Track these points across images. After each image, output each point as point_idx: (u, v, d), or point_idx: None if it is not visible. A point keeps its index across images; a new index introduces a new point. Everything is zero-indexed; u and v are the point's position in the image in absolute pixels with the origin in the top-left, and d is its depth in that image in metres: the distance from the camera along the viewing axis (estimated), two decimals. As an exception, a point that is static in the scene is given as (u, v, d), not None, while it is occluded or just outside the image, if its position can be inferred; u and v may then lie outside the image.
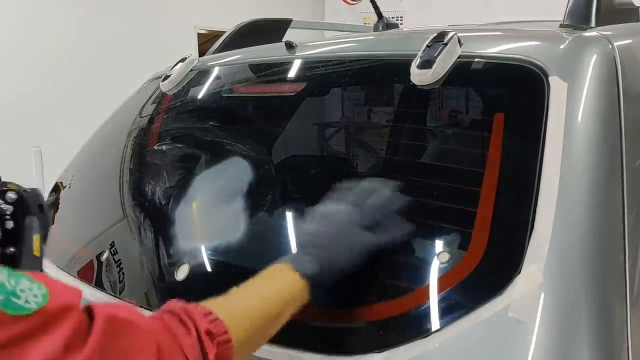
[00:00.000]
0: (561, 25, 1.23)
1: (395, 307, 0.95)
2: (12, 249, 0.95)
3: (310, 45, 1.51)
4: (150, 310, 1.13)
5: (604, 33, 1.08)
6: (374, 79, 1.42)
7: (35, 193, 1.00)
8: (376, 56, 1.36)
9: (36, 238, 0.96)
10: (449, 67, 1.08)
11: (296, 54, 1.46)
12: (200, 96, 1.59)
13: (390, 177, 1.11)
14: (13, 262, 0.94)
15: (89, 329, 0.64)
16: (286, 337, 0.96)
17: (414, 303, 0.94)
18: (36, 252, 0.95)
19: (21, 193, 0.99)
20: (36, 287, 0.67)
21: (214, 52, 1.79)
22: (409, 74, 1.11)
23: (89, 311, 0.67)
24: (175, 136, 1.54)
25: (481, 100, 1.28)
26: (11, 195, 0.98)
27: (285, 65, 1.49)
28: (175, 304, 0.79)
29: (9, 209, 0.97)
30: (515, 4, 5.10)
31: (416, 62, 1.10)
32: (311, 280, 0.90)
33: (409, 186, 1.11)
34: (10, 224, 0.97)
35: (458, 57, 1.10)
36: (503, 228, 0.93)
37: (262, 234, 1.20)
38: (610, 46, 1.03)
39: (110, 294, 1.23)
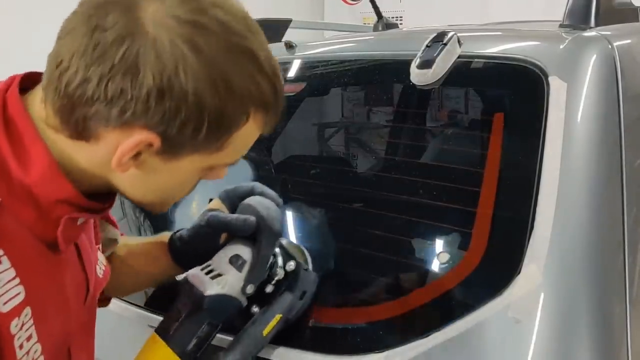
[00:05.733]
0: (561, 25, 1.23)
1: (396, 307, 0.95)
2: (255, 309, 0.91)
3: (310, 45, 1.51)
4: (150, 310, 1.13)
5: (603, 33, 1.08)
6: (374, 79, 1.42)
7: (309, 277, 0.95)
8: (376, 56, 1.36)
9: (276, 318, 0.90)
10: (448, 67, 1.08)
11: (296, 54, 1.46)
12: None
13: (389, 177, 1.11)
14: (246, 321, 0.90)
15: None
16: (286, 337, 0.96)
17: (414, 303, 0.95)
18: (265, 332, 0.89)
19: (299, 269, 0.95)
20: None
21: (214, 52, 1.79)
22: (408, 74, 1.11)
23: None
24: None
25: (481, 100, 1.28)
26: (291, 265, 0.94)
27: (285, 65, 1.49)
28: None
29: (280, 275, 0.93)
30: (515, 4, 5.10)
31: (416, 62, 1.10)
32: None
33: (408, 186, 1.11)
34: (269, 289, 0.92)
35: (458, 57, 1.10)
36: (503, 228, 0.93)
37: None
38: (609, 46, 1.03)
39: (110, 294, 1.23)
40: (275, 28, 1.97)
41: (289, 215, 1.19)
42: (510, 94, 1.10)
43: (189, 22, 0.61)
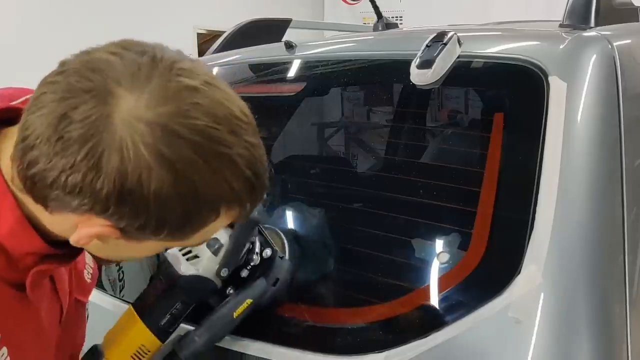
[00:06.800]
0: (561, 25, 1.23)
1: (396, 307, 0.96)
2: (230, 291, 0.95)
3: (310, 45, 1.51)
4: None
5: (603, 33, 1.08)
6: (374, 79, 1.42)
7: (284, 265, 0.97)
8: (376, 56, 1.36)
9: (247, 302, 0.92)
10: (448, 67, 1.08)
11: (296, 54, 1.46)
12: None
13: (389, 177, 1.11)
14: (220, 302, 0.93)
15: None
16: (286, 337, 0.96)
17: (414, 303, 0.95)
18: (235, 314, 0.92)
19: (275, 256, 0.97)
20: None
21: (214, 52, 1.79)
22: (408, 74, 1.11)
23: None
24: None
25: (481, 100, 1.28)
26: (267, 252, 0.97)
27: (285, 65, 1.49)
28: None
29: (256, 261, 0.96)
30: (516, 4, 5.10)
31: (416, 62, 1.10)
32: None
33: (408, 186, 1.11)
34: (244, 273, 0.95)
35: (458, 57, 1.10)
36: (503, 228, 0.93)
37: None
38: (609, 46, 1.03)
39: (110, 294, 1.23)
40: (275, 28, 1.97)
41: (289, 213, 1.19)
42: (510, 94, 1.10)
43: (161, 129, 0.57)
